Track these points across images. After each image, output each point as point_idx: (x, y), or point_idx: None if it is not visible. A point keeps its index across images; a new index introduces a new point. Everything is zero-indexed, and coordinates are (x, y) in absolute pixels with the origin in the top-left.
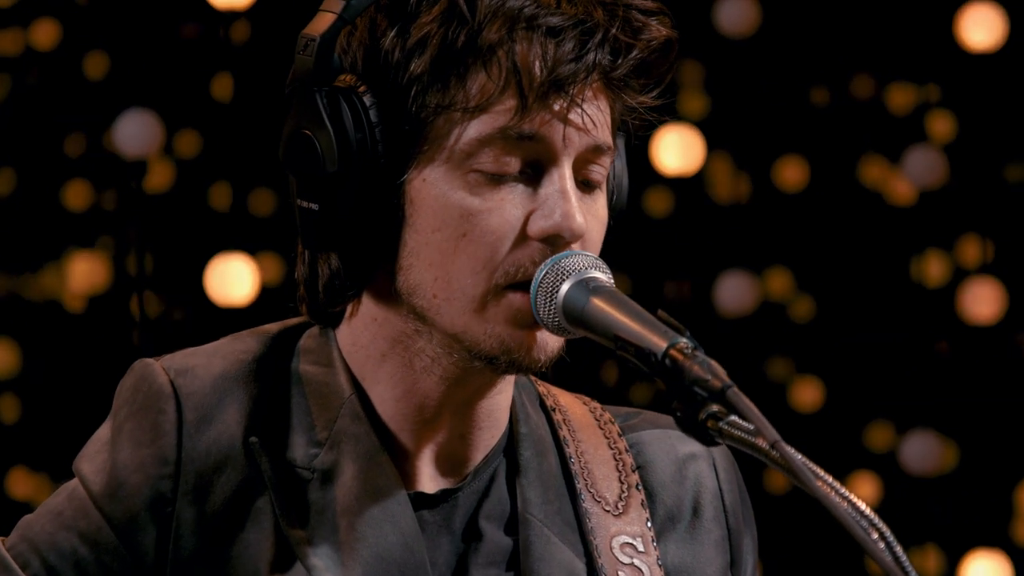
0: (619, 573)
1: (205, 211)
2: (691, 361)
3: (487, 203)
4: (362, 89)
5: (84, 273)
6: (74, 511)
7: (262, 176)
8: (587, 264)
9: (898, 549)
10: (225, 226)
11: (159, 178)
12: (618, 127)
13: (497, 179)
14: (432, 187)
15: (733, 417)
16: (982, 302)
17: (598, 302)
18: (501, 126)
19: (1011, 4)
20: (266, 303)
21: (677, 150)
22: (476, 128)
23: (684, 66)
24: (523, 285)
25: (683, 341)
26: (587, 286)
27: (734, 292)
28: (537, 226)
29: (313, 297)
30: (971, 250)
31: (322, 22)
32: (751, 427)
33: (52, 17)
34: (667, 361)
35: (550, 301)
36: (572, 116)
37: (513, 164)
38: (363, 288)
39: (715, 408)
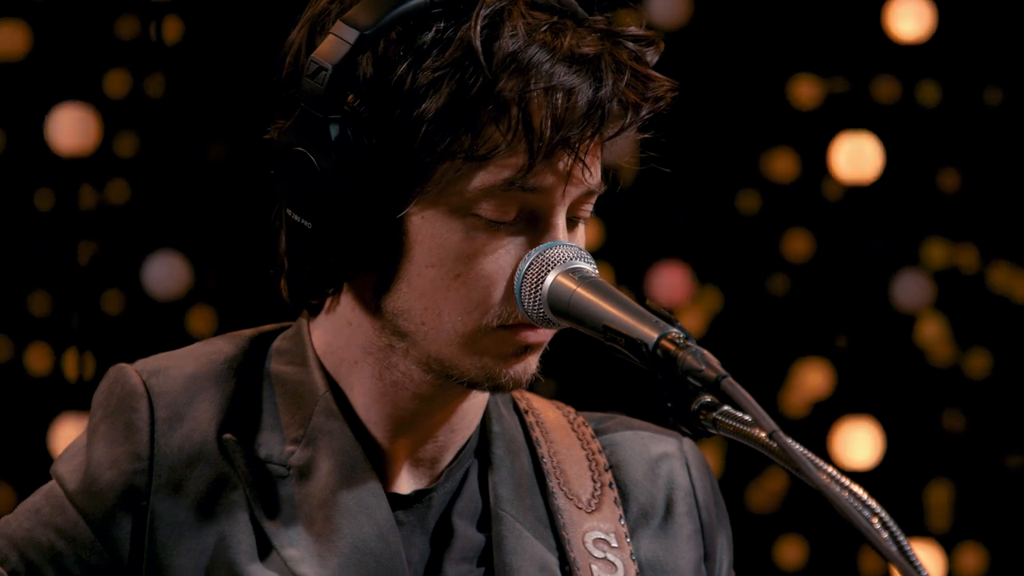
0: (592, 567)
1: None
2: (683, 351)
3: (483, 248)
4: (368, 115)
5: None
6: (51, 508)
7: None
8: (572, 255)
9: (901, 537)
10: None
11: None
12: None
13: (494, 225)
14: (430, 225)
15: (727, 408)
16: None
17: (585, 292)
18: (506, 179)
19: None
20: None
21: None
22: (481, 178)
23: None
24: (514, 326)
25: (674, 331)
26: (573, 276)
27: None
28: None
29: (291, 285)
30: None
31: (333, 48)
32: (747, 418)
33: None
34: (659, 351)
35: (535, 292)
36: (575, 171)
37: (511, 212)
38: (341, 288)
39: (708, 399)
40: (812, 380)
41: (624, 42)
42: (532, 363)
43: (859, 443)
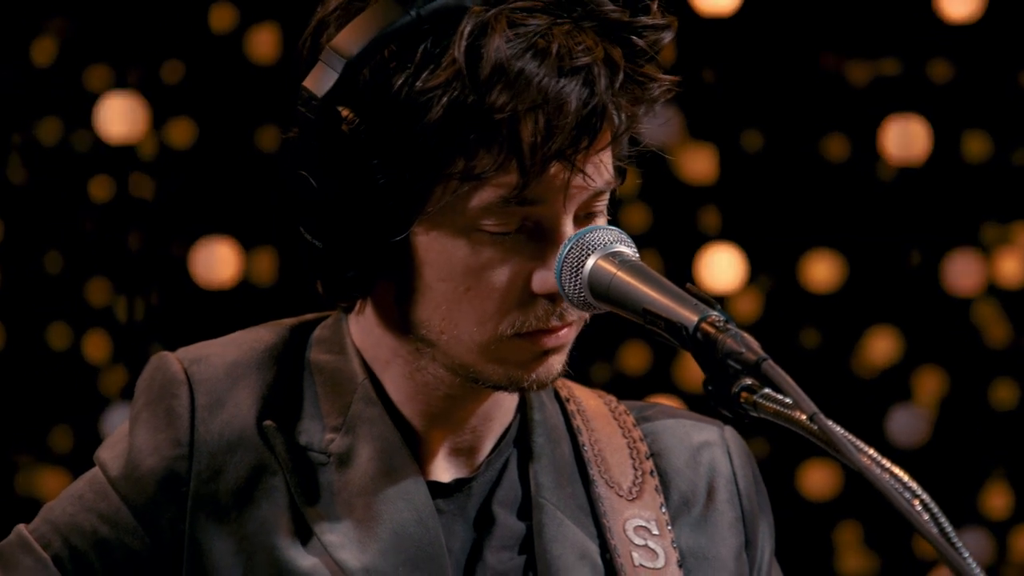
0: (633, 554)
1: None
2: (724, 334)
3: (491, 261)
4: (364, 135)
5: None
6: (94, 494)
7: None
8: (612, 238)
9: (943, 519)
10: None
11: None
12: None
13: (500, 236)
14: (436, 243)
15: (768, 390)
16: None
17: (625, 276)
18: (502, 196)
19: None
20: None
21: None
22: (479, 197)
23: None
24: (530, 333)
25: (714, 314)
26: (613, 260)
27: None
28: (540, 283)
29: (324, 285)
30: None
31: (321, 78)
32: (788, 400)
33: None
34: (699, 335)
35: (575, 276)
36: (575, 181)
37: (515, 223)
38: (368, 295)
39: (749, 381)
40: (880, 350)
41: (626, 37)
42: (555, 364)
43: (910, 424)
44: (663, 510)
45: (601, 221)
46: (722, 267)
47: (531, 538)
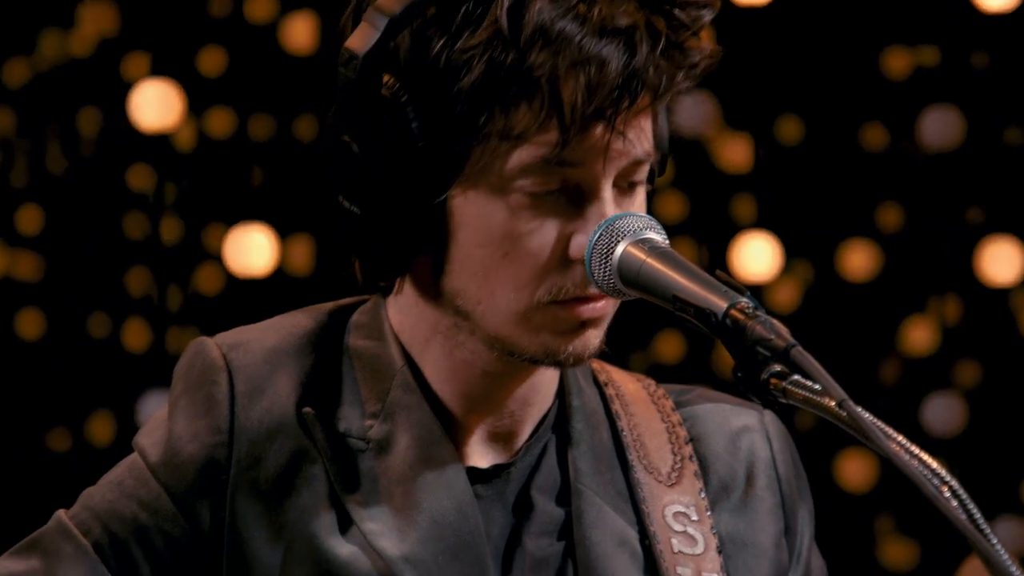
0: (672, 540)
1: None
2: (753, 321)
3: (529, 224)
4: (404, 98)
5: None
6: (134, 481)
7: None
8: (642, 225)
9: (972, 507)
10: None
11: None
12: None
13: (538, 199)
14: (474, 206)
15: (797, 377)
16: None
17: (654, 263)
18: (542, 156)
19: None
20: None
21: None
22: (517, 157)
23: None
24: (567, 301)
25: (744, 301)
26: (643, 246)
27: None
28: (579, 248)
29: (360, 267)
30: None
31: (364, 36)
32: (817, 387)
33: None
34: (728, 321)
35: (605, 263)
36: (614, 143)
37: (554, 186)
38: (406, 272)
39: (778, 368)
40: (917, 339)
41: (668, 9)
42: (592, 338)
43: (950, 412)
44: (702, 495)
45: (641, 193)
46: (757, 256)
47: (570, 524)
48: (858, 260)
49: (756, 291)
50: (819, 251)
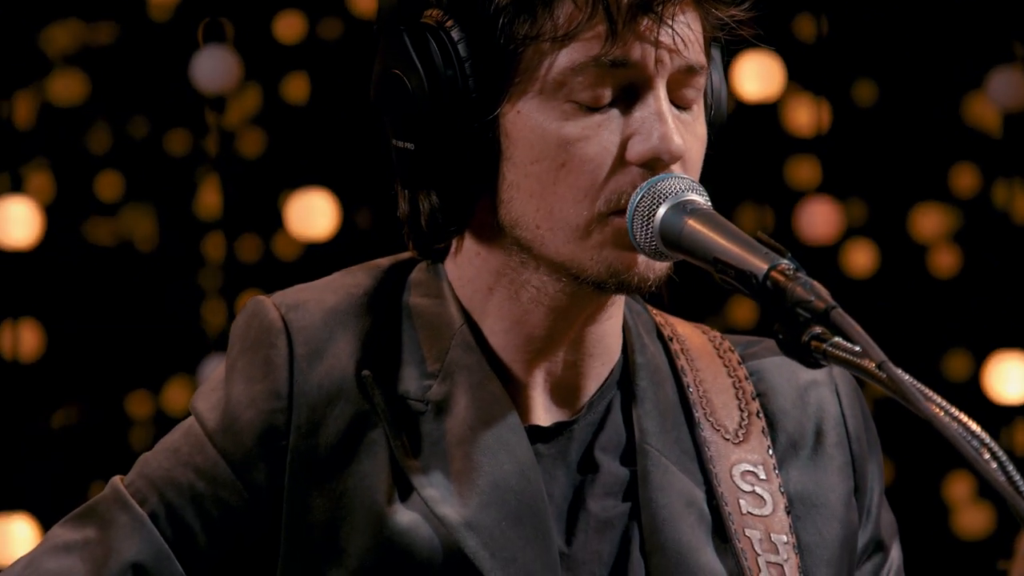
0: (740, 501)
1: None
2: (793, 283)
3: (584, 131)
4: (449, 24)
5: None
6: (191, 447)
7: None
8: (684, 187)
9: (1011, 468)
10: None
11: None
12: (710, 42)
13: (592, 107)
14: (527, 119)
15: (837, 339)
16: None
17: (696, 224)
18: (593, 55)
19: None
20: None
21: (757, 77)
22: (567, 57)
23: None
24: (626, 211)
25: (784, 263)
26: (684, 208)
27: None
28: (635, 151)
29: (417, 234)
30: None
31: None
32: (857, 348)
33: None
34: (768, 283)
35: (647, 225)
36: (663, 37)
37: (607, 91)
38: (465, 224)
39: (819, 330)
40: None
41: None
42: (657, 263)
43: (1013, 377)
44: (770, 453)
45: (697, 109)
46: (823, 220)
47: (635, 485)
48: (930, 224)
49: (822, 255)
50: (890, 217)
